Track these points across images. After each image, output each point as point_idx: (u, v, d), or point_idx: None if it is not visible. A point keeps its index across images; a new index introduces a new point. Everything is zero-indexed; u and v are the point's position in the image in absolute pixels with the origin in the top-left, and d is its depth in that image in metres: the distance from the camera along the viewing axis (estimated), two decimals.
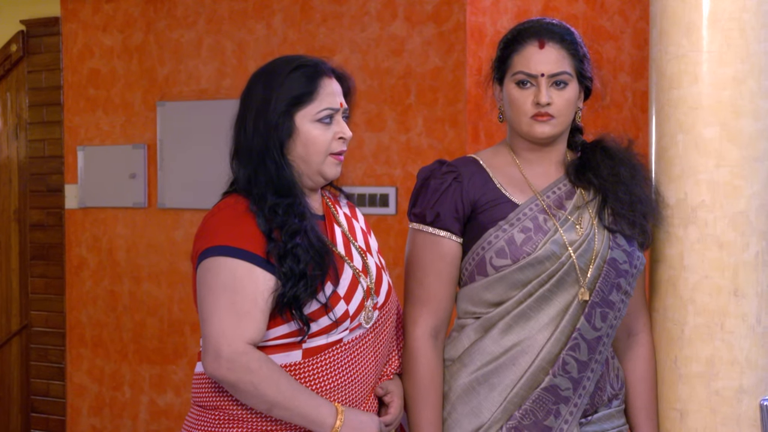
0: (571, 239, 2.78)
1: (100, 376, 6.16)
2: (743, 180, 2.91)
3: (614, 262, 2.80)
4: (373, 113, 5.18)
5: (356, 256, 2.80)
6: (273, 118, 2.72)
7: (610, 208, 2.83)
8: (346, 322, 2.72)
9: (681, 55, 2.94)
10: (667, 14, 2.98)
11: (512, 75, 2.81)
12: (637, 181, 2.86)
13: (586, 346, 2.78)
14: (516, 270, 2.76)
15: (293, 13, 5.41)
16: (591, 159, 2.88)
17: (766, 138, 2.95)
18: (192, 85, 5.77)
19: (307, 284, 2.65)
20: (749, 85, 2.92)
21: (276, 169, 2.72)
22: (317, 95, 2.74)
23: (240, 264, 2.64)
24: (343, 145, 2.78)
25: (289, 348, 2.69)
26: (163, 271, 5.89)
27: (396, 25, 5.12)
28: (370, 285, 2.79)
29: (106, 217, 6.10)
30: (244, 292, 2.63)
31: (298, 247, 2.65)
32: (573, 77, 2.81)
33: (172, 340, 5.88)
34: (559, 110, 2.79)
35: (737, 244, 2.91)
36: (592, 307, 2.78)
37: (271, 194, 2.70)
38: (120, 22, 6.02)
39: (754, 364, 2.92)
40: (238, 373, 2.61)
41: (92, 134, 6.14)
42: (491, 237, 2.78)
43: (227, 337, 2.61)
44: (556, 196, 2.84)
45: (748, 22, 2.91)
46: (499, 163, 2.87)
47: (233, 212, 2.70)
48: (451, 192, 2.80)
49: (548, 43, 2.79)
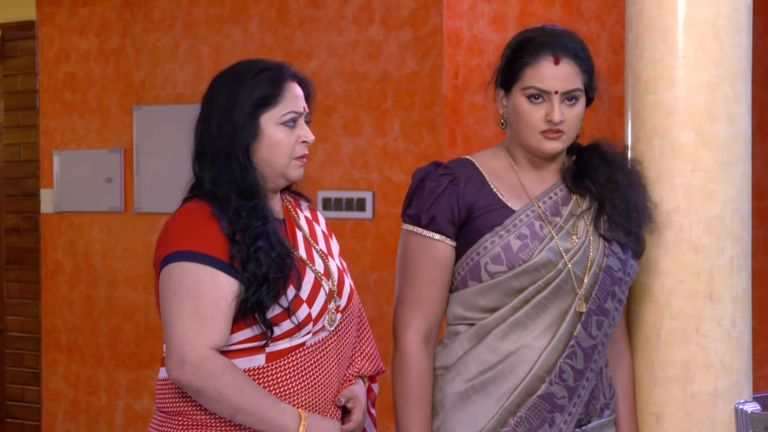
0: (566, 247, 2.76)
1: (75, 381, 6.14)
2: (718, 184, 2.92)
3: (609, 270, 2.78)
4: (349, 117, 5.18)
5: (318, 260, 2.81)
6: (238, 120, 2.72)
7: (606, 216, 2.81)
8: (309, 326, 2.72)
9: (657, 59, 2.95)
10: (643, 19, 2.99)
11: (523, 88, 2.76)
12: (633, 188, 2.85)
13: (582, 354, 2.76)
14: (512, 277, 2.73)
15: (270, 17, 5.41)
16: (588, 164, 2.85)
17: (741, 143, 2.96)
18: (168, 89, 5.75)
19: (270, 288, 2.66)
20: (724, 90, 2.93)
21: (241, 171, 2.72)
22: (282, 98, 2.74)
23: (203, 269, 2.64)
24: (306, 149, 2.78)
25: (252, 352, 2.70)
26: (139, 275, 5.87)
27: (372, 29, 5.12)
28: (332, 288, 2.79)
29: (82, 221, 6.08)
30: (207, 297, 2.63)
31: (260, 250, 2.66)
32: (582, 92, 2.78)
33: (149, 345, 5.86)
34: (569, 126, 2.77)
35: (712, 248, 2.92)
36: (588, 315, 2.76)
37: (235, 196, 2.70)
38: (96, 26, 6.00)
39: (729, 367, 2.93)
40: (202, 378, 2.62)
41: (68, 138, 6.12)
42: (487, 242, 2.75)
43: (191, 342, 2.62)
44: (552, 201, 2.82)
45: (722, 27, 2.92)
46: (496, 166, 2.84)
47: (196, 217, 2.70)
48: (447, 195, 2.76)
49: (563, 59, 2.75)
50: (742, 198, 2.98)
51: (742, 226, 2.97)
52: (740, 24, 2.95)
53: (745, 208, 2.99)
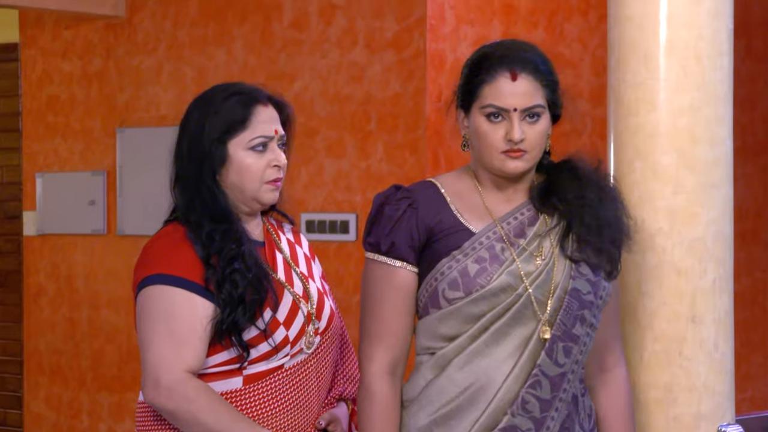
0: (528, 270, 2.60)
1: (57, 405, 6.11)
2: (700, 207, 2.93)
3: (576, 293, 2.62)
4: (333, 139, 5.19)
5: (297, 282, 2.81)
6: (206, 146, 2.73)
7: (575, 235, 2.64)
8: (287, 348, 2.72)
9: (639, 82, 2.96)
10: (625, 42, 3.00)
11: (482, 107, 2.61)
12: (605, 204, 2.67)
13: (548, 383, 2.59)
14: (469, 303, 2.58)
15: (253, 39, 5.41)
16: (556, 181, 2.68)
17: (723, 165, 2.97)
18: (152, 111, 5.75)
19: (246, 309, 2.66)
20: (705, 113, 2.94)
21: (210, 196, 2.73)
22: (250, 123, 2.74)
23: (178, 292, 2.65)
24: (278, 173, 2.76)
25: (229, 375, 2.70)
26: (122, 298, 5.85)
27: (356, 51, 5.13)
28: (311, 310, 2.79)
29: (64, 244, 6.06)
30: (182, 320, 2.64)
31: (236, 272, 2.67)
32: (545, 108, 2.63)
33: (131, 368, 5.84)
34: (531, 144, 2.61)
35: (695, 270, 2.92)
36: (553, 342, 2.59)
37: (207, 220, 2.71)
38: (79, 48, 6.00)
39: (711, 390, 2.93)
40: (177, 401, 2.62)
41: (51, 161, 6.11)
42: (444, 267, 2.60)
43: (166, 365, 2.62)
44: (517, 222, 2.66)
45: (704, 50, 2.94)
46: (459, 188, 2.69)
47: (171, 240, 2.72)
48: (405, 219, 2.62)
49: (521, 75, 2.60)
50: (725, 220, 2.99)
51: (725, 249, 2.98)
52: (722, 47, 2.97)
53: (728, 230, 3.00)
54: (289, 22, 5.31)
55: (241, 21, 5.45)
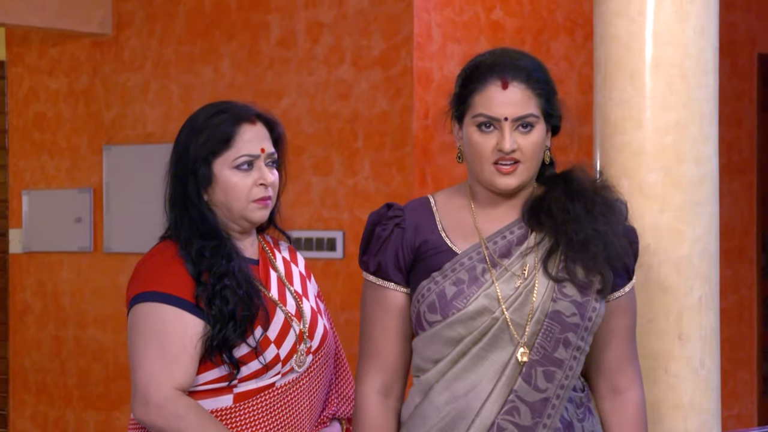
0: (506, 293, 2.48)
1: (43, 423, 6.08)
2: (686, 224, 2.93)
3: (558, 315, 2.48)
4: (320, 157, 5.19)
5: (290, 301, 2.80)
6: (191, 166, 2.73)
7: (561, 254, 2.50)
8: (278, 366, 2.72)
9: (625, 100, 2.97)
10: (611, 60, 3.01)
11: (473, 117, 2.50)
12: (595, 217, 2.51)
13: (527, 410, 2.47)
14: (446, 326, 2.48)
15: (240, 57, 5.42)
16: (548, 196, 2.55)
17: (709, 183, 2.98)
18: (138, 128, 5.74)
19: (236, 326, 2.66)
20: (691, 131, 2.95)
21: (199, 215, 2.73)
22: (234, 142, 2.73)
23: (169, 309, 2.65)
24: (265, 191, 2.74)
25: (219, 393, 2.69)
26: (108, 315, 5.83)
27: (343, 69, 5.14)
28: (303, 329, 2.78)
29: (51, 261, 6.05)
30: (173, 337, 2.64)
31: (227, 288, 2.67)
32: (539, 118, 2.50)
33: (117, 386, 5.82)
34: (525, 155, 2.48)
35: (681, 288, 2.93)
36: (531, 366, 2.47)
37: (197, 238, 2.72)
38: (66, 66, 6.00)
39: (698, 407, 2.93)
40: (167, 418, 2.62)
41: (37, 178, 6.10)
42: (424, 290, 2.52)
43: (156, 382, 2.62)
44: (505, 242, 2.54)
45: (690, 68, 2.95)
46: (452, 206, 2.59)
47: (162, 258, 2.72)
48: (392, 239, 2.55)
49: (512, 83, 2.48)
50: (710, 238, 3.00)
51: (711, 266, 2.99)
52: (707, 65, 2.98)
53: (713, 247, 3.00)
54: (277, 40, 5.32)
55: (228, 39, 5.46)
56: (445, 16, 5.03)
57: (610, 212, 2.53)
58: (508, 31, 5.27)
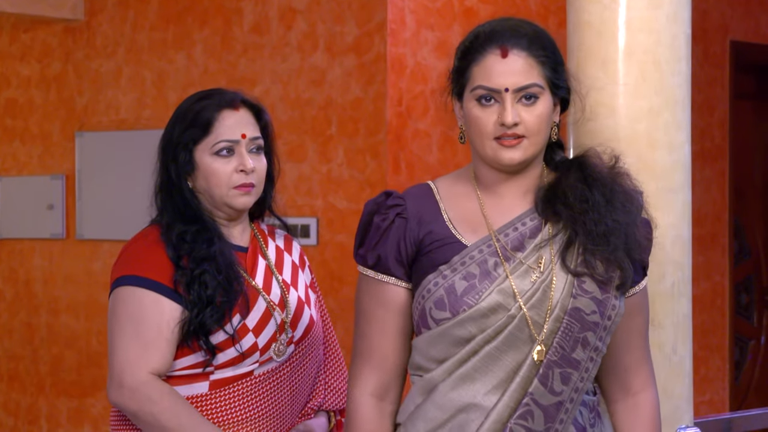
0: (522, 288, 2.29)
1: (15, 410, 6.06)
2: (659, 211, 2.94)
3: (578, 313, 2.30)
4: (294, 144, 5.18)
5: (275, 290, 2.79)
6: (173, 152, 2.74)
7: (580, 246, 2.31)
8: (255, 355, 2.71)
9: (598, 87, 2.98)
10: (584, 48, 3.01)
11: (471, 90, 2.31)
12: (615, 207, 2.32)
13: (541, 414, 2.29)
14: (455, 324, 2.29)
15: (214, 43, 5.40)
16: (562, 183, 2.35)
17: (681, 170, 2.99)
18: (111, 115, 5.72)
19: (214, 311, 2.65)
20: (664, 118, 2.96)
21: (182, 201, 2.74)
22: (213, 128, 2.73)
23: (146, 294, 2.66)
24: (246, 178, 2.73)
25: (195, 379, 2.69)
26: (81, 302, 5.81)
27: (317, 56, 5.13)
28: (285, 319, 2.77)
29: (22, 248, 6.02)
30: (149, 321, 2.64)
31: (206, 273, 2.67)
32: (545, 89, 2.31)
33: (90, 373, 5.80)
34: (529, 129, 2.29)
35: (653, 274, 2.93)
36: (548, 367, 2.29)
37: (180, 222, 2.72)
38: (38, 52, 5.96)
39: (670, 393, 2.95)
40: (140, 402, 2.62)
41: (9, 165, 6.07)
42: (430, 284, 2.31)
43: (131, 366, 2.63)
44: (517, 233, 2.34)
45: (662, 55, 2.96)
46: (456, 192, 2.39)
47: (144, 242, 2.73)
48: (393, 230, 2.35)
49: (512, 51, 2.29)
50: (683, 224, 3.01)
51: (683, 253, 3.00)
52: (680, 52, 2.99)
53: (686, 234, 3.02)
54: (250, 26, 5.30)
55: (201, 25, 5.43)
56: (418, 2, 5.03)
57: (629, 202, 2.36)
58: (482, 17, 5.27)
